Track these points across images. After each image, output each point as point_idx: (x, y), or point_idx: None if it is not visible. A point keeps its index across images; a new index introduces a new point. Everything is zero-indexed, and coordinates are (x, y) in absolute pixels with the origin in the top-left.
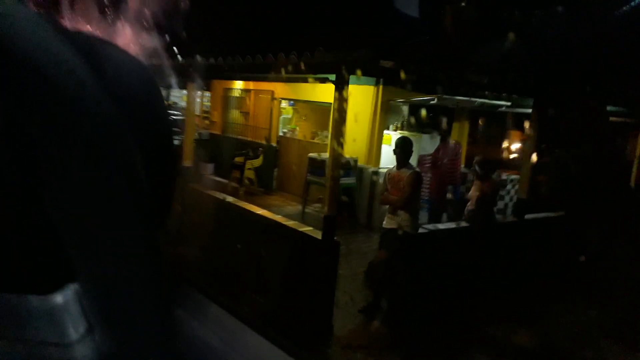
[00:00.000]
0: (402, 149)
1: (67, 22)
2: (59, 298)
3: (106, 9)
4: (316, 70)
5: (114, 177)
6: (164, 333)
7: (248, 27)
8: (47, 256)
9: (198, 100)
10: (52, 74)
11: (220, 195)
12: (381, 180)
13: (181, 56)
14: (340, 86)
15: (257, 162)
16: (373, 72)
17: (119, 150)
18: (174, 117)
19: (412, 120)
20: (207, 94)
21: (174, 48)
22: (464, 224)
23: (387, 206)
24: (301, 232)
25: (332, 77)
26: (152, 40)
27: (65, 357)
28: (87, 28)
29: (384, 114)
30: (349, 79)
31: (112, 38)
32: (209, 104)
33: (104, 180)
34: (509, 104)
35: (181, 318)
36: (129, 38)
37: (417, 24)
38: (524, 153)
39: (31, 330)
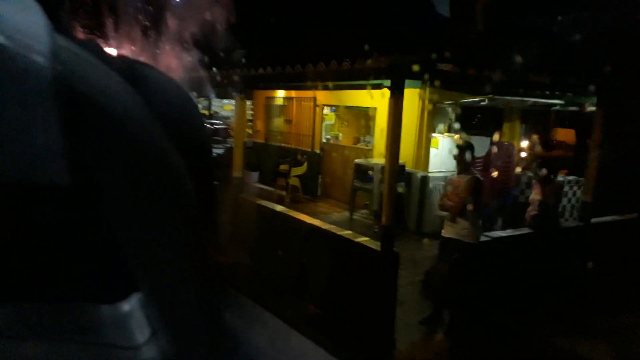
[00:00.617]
0: (463, 153)
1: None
2: (126, 306)
3: (153, 28)
4: (370, 76)
5: (163, 193)
6: (216, 335)
7: (293, 35)
8: (115, 270)
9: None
10: (104, 106)
11: (269, 205)
12: (431, 185)
13: (227, 68)
14: (397, 91)
15: (302, 169)
16: (430, 76)
17: (165, 168)
18: (216, 125)
19: (463, 121)
20: (248, 102)
21: (218, 60)
22: (526, 230)
23: (446, 213)
24: (358, 242)
25: (383, 81)
26: (196, 54)
27: (134, 358)
28: (136, 48)
29: (431, 117)
30: (404, 82)
31: (159, 57)
32: (250, 112)
33: (155, 197)
34: (562, 102)
35: (230, 321)
36: (176, 56)
37: (459, 22)
38: (590, 153)
39: (104, 335)
